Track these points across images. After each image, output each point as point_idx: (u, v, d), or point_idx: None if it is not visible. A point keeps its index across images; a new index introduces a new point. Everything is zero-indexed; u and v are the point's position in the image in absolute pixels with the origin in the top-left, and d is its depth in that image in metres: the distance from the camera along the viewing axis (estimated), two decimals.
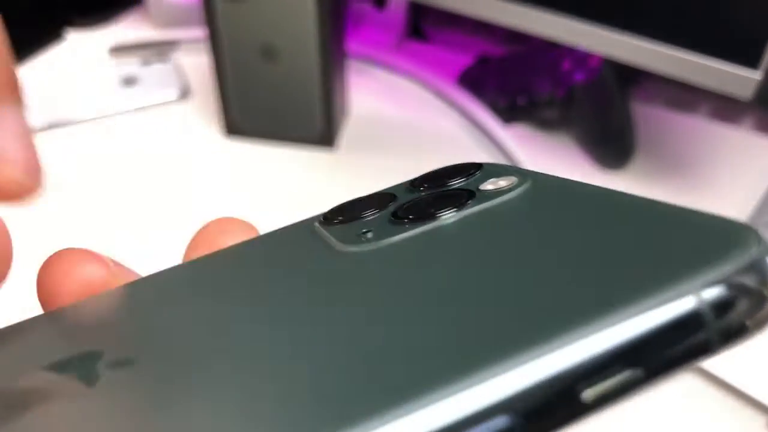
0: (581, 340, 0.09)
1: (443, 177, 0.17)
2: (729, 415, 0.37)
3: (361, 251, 0.14)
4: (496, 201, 0.14)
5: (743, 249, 0.10)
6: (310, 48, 0.49)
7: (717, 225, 0.11)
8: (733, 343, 0.10)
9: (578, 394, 0.09)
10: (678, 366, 0.10)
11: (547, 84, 0.54)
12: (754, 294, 0.10)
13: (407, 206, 0.15)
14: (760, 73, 0.41)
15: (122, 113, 0.57)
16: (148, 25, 0.68)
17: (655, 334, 0.09)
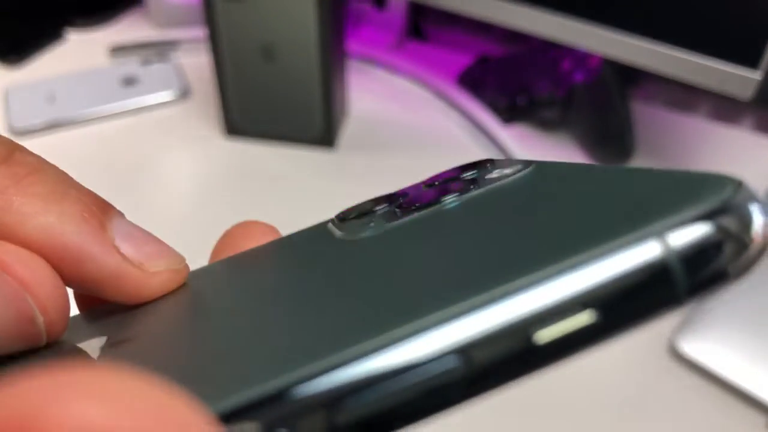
0: (534, 283, 0.09)
1: (456, 172, 0.17)
2: (729, 414, 0.37)
3: (364, 237, 0.15)
4: (497, 184, 0.15)
5: (717, 192, 0.10)
6: (310, 48, 0.49)
7: (696, 177, 0.11)
8: (707, 289, 0.09)
9: (531, 335, 0.09)
10: (640, 314, 0.09)
11: (547, 84, 0.54)
12: (730, 236, 0.09)
13: (413, 196, 0.16)
14: (760, 73, 0.41)
15: (122, 113, 0.57)
16: (148, 25, 0.68)
17: (608, 277, 0.09)
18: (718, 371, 0.37)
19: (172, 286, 0.15)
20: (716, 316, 0.40)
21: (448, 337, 0.09)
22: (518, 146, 0.53)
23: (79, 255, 0.14)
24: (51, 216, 0.14)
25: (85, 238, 0.14)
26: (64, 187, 0.14)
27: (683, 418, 0.37)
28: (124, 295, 0.15)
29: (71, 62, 0.62)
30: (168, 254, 0.15)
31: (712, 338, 0.39)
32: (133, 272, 0.14)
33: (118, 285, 0.14)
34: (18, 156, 0.14)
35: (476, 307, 0.09)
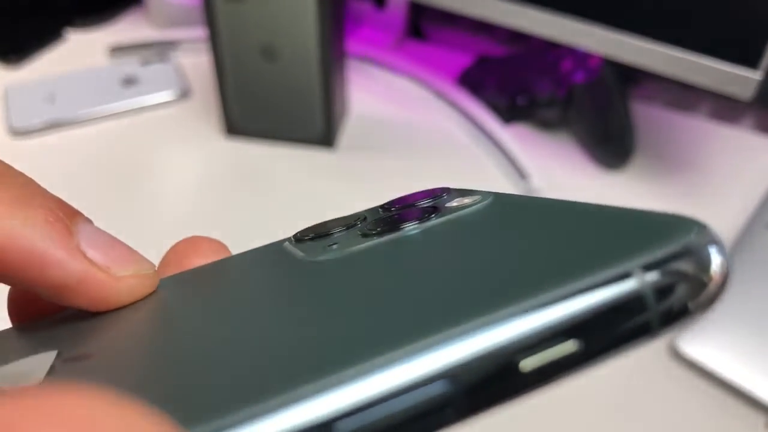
0: (519, 313, 0.09)
1: (413, 199, 0.18)
2: (728, 414, 0.37)
3: (326, 259, 0.15)
4: (457, 214, 0.15)
5: (682, 236, 0.10)
6: (310, 48, 0.49)
7: (663, 219, 0.11)
8: (672, 325, 0.10)
9: (516, 363, 0.09)
10: (618, 344, 0.10)
11: (547, 84, 0.54)
12: (692, 278, 0.10)
13: (373, 221, 0.16)
14: (760, 73, 0.41)
15: (122, 113, 0.57)
16: (148, 25, 0.68)
17: (589, 309, 0.10)
18: (718, 371, 0.37)
19: (141, 292, 0.15)
20: (716, 316, 0.40)
21: (438, 364, 0.09)
22: (518, 146, 0.53)
23: (43, 260, 0.13)
24: (15, 221, 0.13)
25: (49, 243, 0.13)
26: (29, 193, 0.14)
27: (683, 417, 0.37)
28: (91, 300, 0.14)
29: (71, 62, 0.62)
30: (136, 259, 0.15)
31: (713, 339, 0.39)
32: (100, 277, 0.14)
33: (85, 290, 0.14)
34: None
35: (464, 334, 0.09)
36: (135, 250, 0.15)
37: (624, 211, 0.12)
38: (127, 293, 0.15)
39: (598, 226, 0.12)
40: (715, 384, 0.38)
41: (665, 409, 0.37)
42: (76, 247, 0.14)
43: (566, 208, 0.14)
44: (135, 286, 0.15)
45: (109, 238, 0.15)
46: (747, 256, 0.43)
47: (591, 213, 0.13)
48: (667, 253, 0.10)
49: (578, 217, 0.13)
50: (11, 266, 0.13)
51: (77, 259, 0.14)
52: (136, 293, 0.15)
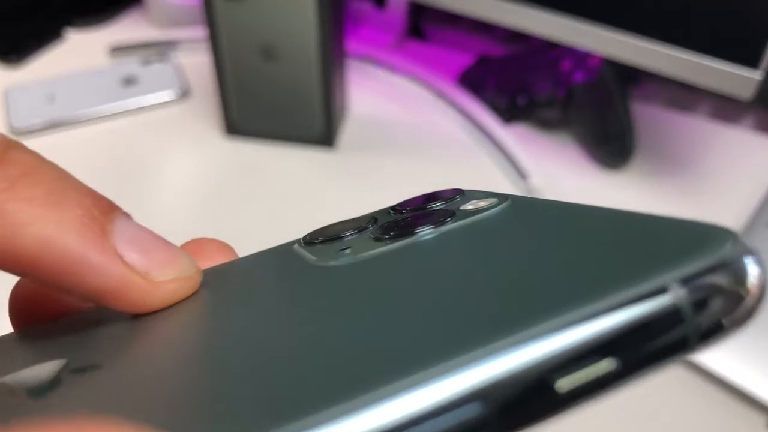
0: (553, 330, 0.09)
1: (425, 201, 0.17)
2: (728, 414, 0.37)
3: (340, 264, 0.14)
4: (474, 218, 0.14)
5: (717, 248, 0.10)
6: (310, 48, 0.49)
7: (694, 228, 0.11)
8: (710, 341, 0.10)
9: (552, 383, 0.09)
10: (655, 361, 0.09)
11: (547, 84, 0.54)
12: (728, 292, 0.10)
13: (387, 225, 0.15)
14: (761, 73, 0.41)
15: (122, 113, 0.57)
16: (148, 25, 0.68)
17: (627, 326, 0.09)
18: (719, 371, 0.37)
19: (182, 295, 0.14)
20: None
21: (471, 384, 0.09)
22: (518, 146, 0.53)
23: (79, 267, 0.13)
24: (48, 224, 0.12)
25: (85, 248, 0.13)
26: (63, 189, 0.13)
27: (683, 418, 0.37)
28: (130, 306, 0.14)
29: (71, 62, 0.62)
30: (177, 260, 0.14)
31: None
32: (139, 282, 0.13)
33: (123, 296, 0.13)
34: (13, 155, 0.13)
35: (497, 353, 0.09)
36: (177, 248, 0.15)
37: (650, 219, 0.12)
38: (168, 298, 0.14)
39: (627, 235, 0.12)
40: (715, 384, 0.38)
41: (665, 410, 0.37)
42: (112, 251, 0.13)
43: (587, 213, 0.13)
44: (175, 291, 0.14)
45: (148, 236, 0.14)
46: None
47: (615, 219, 0.12)
48: (703, 265, 0.10)
49: (603, 225, 0.12)
50: (46, 272, 0.13)
51: (115, 264, 0.13)
52: (177, 297, 0.14)
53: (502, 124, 0.55)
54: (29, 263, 0.12)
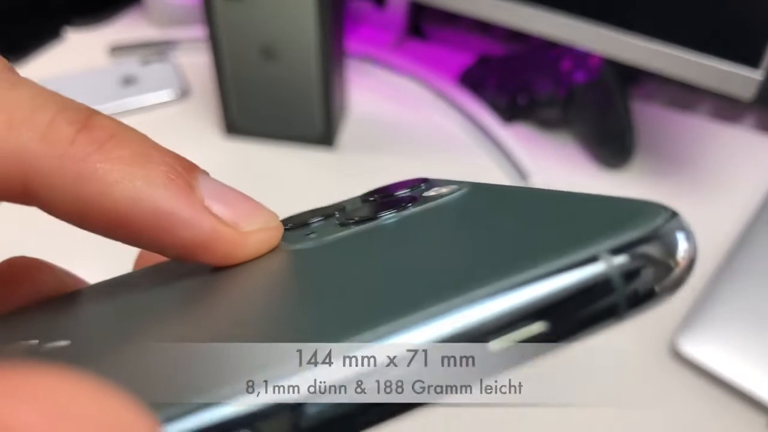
0: (489, 296, 0.10)
1: (392, 189, 0.18)
2: (729, 414, 0.37)
3: (304, 248, 0.15)
4: (433, 203, 0.15)
5: (650, 221, 0.11)
6: (310, 47, 0.48)
7: (634, 204, 0.12)
8: (639, 308, 0.10)
9: (486, 344, 0.10)
10: (585, 326, 0.10)
11: (548, 83, 0.54)
12: (658, 262, 0.11)
13: (351, 211, 0.16)
14: (761, 72, 0.41)
15: (121, 113, 0.57)
16: (148, 24, 0.68)
17: (558, 292, 0.10)
18: (719, 371, 0.37)
19: (267, 246, 0.14)
20: (717, 316, 0.40)
21: (414, 340, 0.09)
22: (519, 146, 0.53)
23: (170, 221, 0.13)
24: (137, 181, 0.13)
25: (175, 202, 0.13)
26: (147, 149, 0.13)
27: (684, 418, 0.37)
28: (222, 257, 0.14)
29: (70, 62, 0.62)
30: (262, 212, 0.15)
31: (713, 338, 0.39)
32: (229, 233, 0.14)
33: (215, 248, 0.13)
34: (97, 120, 0.13)
35: (436, 316, 0.10)
36: (258, 201, 0.15)
37: (598, 198, 0.13)
38: (255, 248, 0.14)
39: (570, 212, 0.12)
40: (715, 384, 0.38)
41: (666, 410, 0.37)
42: (200, 204, 0.13)
43: (542, 195, 0.14)
44: (263, 241, 0.14)
45: (231, 191, 0.14)
46: (748, 255, 0.43)
47: (564, 200, 0.13)
48: (634, 237, 0.10)
49: (552, 204, 0.13)
50: (139, 229, 0.13)
51: (205, 217, 0.13)
52: (264, 247, 0.14)
53: (503, 124, 0.55)
54: (121, 220, 0.13)
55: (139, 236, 0.13)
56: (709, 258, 0.45)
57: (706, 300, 0.41)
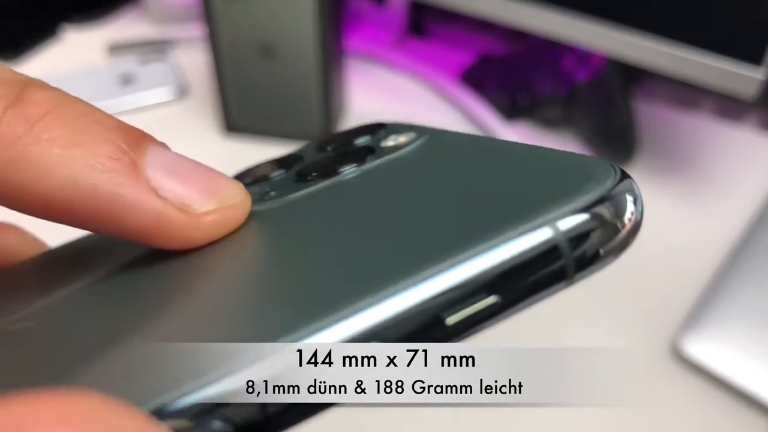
0: (442, 272, 0.10)
1: (349, 136, 0.17)
2: (731, 416, 0.36)
3: (265, 209, 0.14)
4: (393, 155, 0.15)
5: (599, 182, 0.11)
6: (309, 46, 0.48)
7: (581, 162, 0.12)
8: (589, 269, 0.11)
9: (443, 320, 0.10)
10: (535, 293, 0.10)
11: (549, 82, 0.53)
12: (608, 224, 0.11)
13: (311, 165, 0.16)
14: (764, 71, 0.41)
15: (120, 112, 0.57)
16: (146, 23, 0.68)
17: (512, 263, 0.10)
18: (721, 373, 0.37)
19: (227, 226, 0.13)
20: (719, 317, 0.39)
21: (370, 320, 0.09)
22: None
23: (113, 206, 0.12)
24: (74, 165, 0.11)
25: (116, 186, 0.12)
26: (87, 125, 0.12)
27: (685, 419, 0.37)
28: (173, 242, 0.13)
29: (68, 60, 0.62)
30: (219, 187, 0.13)
31: (715, 339, 0.38)
32: (178, 217, 0.12)
33: (163, 233, 0.12)
34: (31, 93, 0.12)
35: (395, 296, 0.10)
36: (219, 173, 0.14)
37: (551, 153, 0.13)
38: (212, 230, 0.13)
39: (521, 172, 0.13)
40: (717, 386, 0.37)
41: (667, 411, 0.37)
42: (146, 186, 0.12)
43: (496, 150, 0.14)
44: (221, 222, 0.13)
45: (186, 163, 0.13)
46: (751, 255, 0.43)
47: (518, 156, 0.13)
48: (584, 201, 0.11)
49: (505, 162, 0.13)
50: (81, 216, 0.12)
51: (149, 200, 0.12)
52: (223, 229, 0.13)
53: (504, 123, 0.55)
54: (59, 207, 0.12)
55: (82, 222, 0.12)
56: (711, 257, 0.44)
57: (708, 300, 0.40)
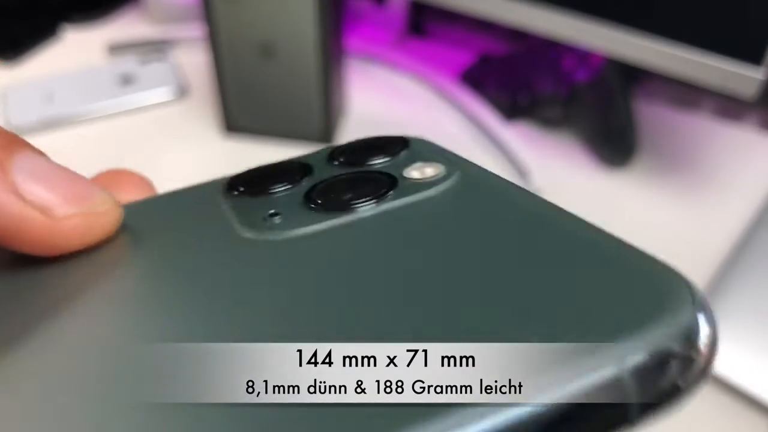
0: (501, 409, 0.09)
1: (365, 152, 0.15)
2: (731, 416, 0.36)
3: (272, 240, 0.13)
4: (418, 196, 0.13)
5: (674, 314, 0.10)
6: (309, 46, 0.48)
7: (650, 275, 0.10)
8: (665, 407, 0.10)
9: None
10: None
11: (549, 82, 0.53)
12: (684, 358, 0.10)
13: (322, 187, 0.14)
14: (764, 71, 0.41)
15: (120, 112, 0.57)
16: (146, 23, 0.68)
17: (577, 405, 0.09)
18: (721, 373, 0.37)
19: (92, 233, 0.13)
20: (718, 316, 0.39)
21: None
22: (520, 145, 0.53)
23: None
24: None
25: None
26: None
27: (685, 420, 0.37)
28: (32, 246, 0.13)
29: (68, 60, 0.62)
30: (86, 195, 0.13)
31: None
32: (38, 219, 0.12)
33: (22, 235, 0.12)
34: None
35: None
36: (89, 182, 0.13)
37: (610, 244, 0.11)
38: (73, 236, 0.13)
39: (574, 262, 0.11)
40: (717, 386, 0.37)
41: None
42: (10, 187, 0.12)
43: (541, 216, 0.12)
44: (82, 228, 0.13)
45: (56, 170, 0.13)
46: (751, 255, 0.43)
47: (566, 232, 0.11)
48: (654, 338, 0.09)
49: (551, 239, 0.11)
50: None
51: (12, 201, 0.12)
52: (87, 235, 0.13)
53: (504, 123, 0.55)
54: None
55: None
56: (711, 257, 0.44)
57: (708, 299, 0.40)
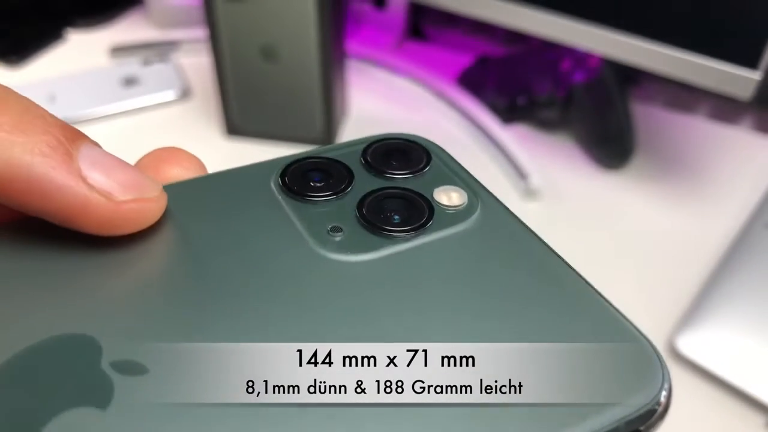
0: None
1: (392, 158, 0.17)
2: (728, 414, 0.37)
3: (341, 260, 0.14)
4: (451, 230, 0.15)
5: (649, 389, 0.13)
6: (310, 48, 0.49)
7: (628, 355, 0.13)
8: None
9: None
10: None
11: (547, 84, 0.54)
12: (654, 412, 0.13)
13: (370, 205, 0.15)
14: (760, 73, 0.41)
15: (123, 113, 0.57)
16: (149, 25, 0.68)
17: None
18: (717, 371, 0.37)
19: (145, 217, 0.15)
20: (715, 315, 0.40)
21: None
22: (518, 146, 0.53)
23: (45, 187, 0.13)
24: (15, 148, 0.13)
25: (50, 169, 0.13)
26: (31, 118, 0.14)
27: (682, 418, 0.37)
28: (95, 225, 0.14)
29: (72, 62, 0.62)
30: (139, 182, 0.15)
31: (712, 338, 0.39)
32: (101, 201, 0.14)
33: (87, 215, 0.14)
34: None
35: None
36: (140, 171, 0.15)
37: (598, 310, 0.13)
38: (129, 218, 0.14)
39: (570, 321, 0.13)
40: (714, 383, 0.38)
41: None
42: (76, 172, 0.14)
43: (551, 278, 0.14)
44: (138, 212, 0.15)
45: (115, 161, 0.15)
46: (746, 255, 0.43)
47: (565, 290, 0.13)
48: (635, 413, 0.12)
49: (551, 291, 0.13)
50: (13, 194, 0.13)
51: (78, 185, 0.14)
52: (141, 218, 0.15)
53: (502, 125, 0.55)
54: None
55: (15, 200, 0.13)
56: (707, 257, 0.45)
57: (704, 299, 0.41)
